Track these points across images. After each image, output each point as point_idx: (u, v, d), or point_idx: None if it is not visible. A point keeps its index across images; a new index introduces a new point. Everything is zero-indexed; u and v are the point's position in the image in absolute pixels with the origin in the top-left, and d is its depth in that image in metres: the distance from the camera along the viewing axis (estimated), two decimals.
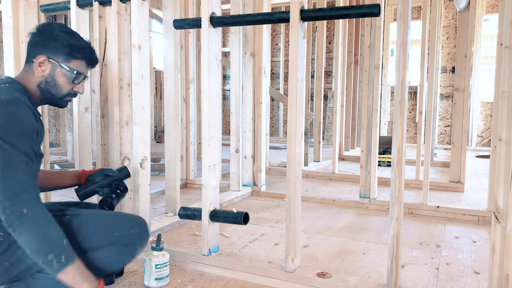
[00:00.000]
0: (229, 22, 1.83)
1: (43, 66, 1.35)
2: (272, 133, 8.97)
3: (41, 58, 1.34)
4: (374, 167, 2.95)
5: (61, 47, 1.36)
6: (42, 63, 1.35)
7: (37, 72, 1.35)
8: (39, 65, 1.34)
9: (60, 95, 1.40)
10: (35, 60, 1.34)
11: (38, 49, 1.35)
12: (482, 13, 7.02)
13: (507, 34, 1.36)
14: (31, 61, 1.35)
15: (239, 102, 3.18)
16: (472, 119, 7.16)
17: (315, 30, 5.25)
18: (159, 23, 6.22)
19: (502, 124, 1.35)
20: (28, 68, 1.36)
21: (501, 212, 1.35)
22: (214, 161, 1.86)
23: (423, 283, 1.71)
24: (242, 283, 1.70)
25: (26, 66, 1.37)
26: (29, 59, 1.36)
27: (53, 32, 1.36)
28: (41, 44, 1.35)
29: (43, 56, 1.34)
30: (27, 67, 1.37)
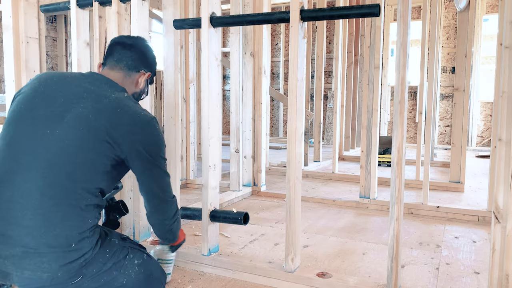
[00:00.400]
0: (229, 22, 1.83)
1: (143, 81, 1.46)
2: (272, 133, 8.97)
3: (148, 75, 1.46)
4: (374, 167, 2.95)
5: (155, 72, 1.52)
6: (146, 78, 1.46)
7: (137, 84, 1.44)
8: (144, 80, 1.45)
9: None
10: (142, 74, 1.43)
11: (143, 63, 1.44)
12: (482, 13, 7.02)
13: (507, 34, 1.36)
14: (135, 71, 1.42)
15: (239, 102, 3.18)
16: (472, 119, 7.16)
17: (315, 30, 5.25)
18: (159, 23, 6.23)
19: (502, 124, 1.35)
20: (128, 75, 1.41)
21: (501, 212, 1.35)
22: (214, 161, 1.86)
23: (423, 283, 1.71)
24: (242, 283, 1.70)
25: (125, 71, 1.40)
26: (132, 68, 1.41)
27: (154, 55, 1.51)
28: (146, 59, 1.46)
29: (149, 74, 1.47)
30: (127, 73, 1.40)
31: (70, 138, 1.16)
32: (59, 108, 1.19)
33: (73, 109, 1.19)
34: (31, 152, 1.14)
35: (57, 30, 6.30)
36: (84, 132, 1.17)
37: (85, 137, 1.16)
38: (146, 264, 1.35)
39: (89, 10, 2.25)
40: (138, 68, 1.43)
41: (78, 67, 2.19)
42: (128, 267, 1.29)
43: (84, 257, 1.17)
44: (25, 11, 2.24)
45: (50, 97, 1.21)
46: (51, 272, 1.13)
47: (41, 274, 1.12)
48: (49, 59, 6.17)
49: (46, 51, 6.08)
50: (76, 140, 1.16)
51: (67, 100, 1.20)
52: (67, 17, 6.26)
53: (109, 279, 1.24)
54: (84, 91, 1.23)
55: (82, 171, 1.16)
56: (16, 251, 1.11)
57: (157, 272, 1.39)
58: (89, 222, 1.18)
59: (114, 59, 1.40)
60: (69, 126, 1.16)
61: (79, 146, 1.16)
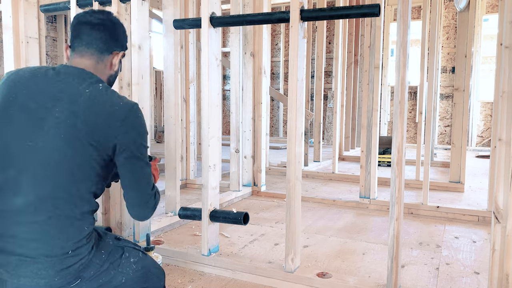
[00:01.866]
0: (229, 22, 1.83)
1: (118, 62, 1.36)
2: (272, 133, 8.97)
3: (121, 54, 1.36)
4: (374, 167, 2.95)
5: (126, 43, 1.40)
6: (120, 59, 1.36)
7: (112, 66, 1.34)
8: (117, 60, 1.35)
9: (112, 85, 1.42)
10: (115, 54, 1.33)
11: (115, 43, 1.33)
12: (482, 13, 7.02)
13: (507, 34, 1.36)
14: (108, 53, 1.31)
15: (239, 102, 3.18)
16: (472, 119, 7.15)
17: (315, 30, 5.25)
18: (159, 23, 6.22)
19: (502, 124, 1.35)
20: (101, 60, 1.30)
21: (501, 212, 1.35)
22: (214, 161, 1.86)
23: (423, 283, 1.71)
24: (242, 283, 1.70)
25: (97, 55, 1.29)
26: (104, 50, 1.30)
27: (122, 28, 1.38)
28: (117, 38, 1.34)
29: (123, 53, 1.37)
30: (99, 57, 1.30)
31: (53, 148, 1.11)
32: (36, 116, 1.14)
33: (49, 115, 1.13)
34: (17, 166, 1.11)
35: (57, 30, 6.30)
36: (66, 139, 1.12)
37: (67, 144, 1.12)
38: (143, 261, 1.36)
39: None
40: (111, 50, 1.32)
41: None
42: (125, 265, 1.29)
43: (81, 261, 1.16)
44: (25, 11, 2.24)
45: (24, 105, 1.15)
46: (48, 278, 1.12)
47: (38, 280, 1.11)
48: (49, 59, 6.17)
49: (46, 51, 6.08)
50: (60, 149, 1.12)
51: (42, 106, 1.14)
52: (67, 17, 6.25)
53: (108, 279, 1.24)
54: (58, 92, 1.16)
55: (71, 180, 1.13)
56: (11, 259, 1.10)
57: (155, 269, 1.39)
58: (85, 230, 1.17)
59: (83, 43, 1.29)
60: (50, 135, 1.12)
61: (64, 155, 1.12)
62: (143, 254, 1.38)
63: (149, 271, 1.37)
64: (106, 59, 1.31)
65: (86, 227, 1.18)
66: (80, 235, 1.16)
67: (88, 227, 1.19)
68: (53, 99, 1.15)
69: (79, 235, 1.15)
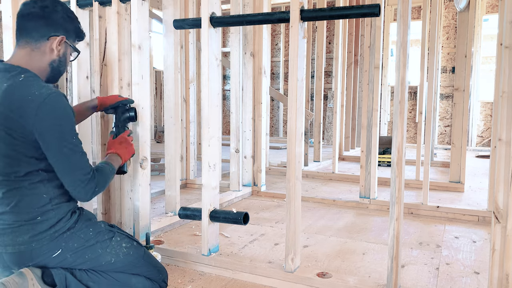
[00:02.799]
0: (229, 22, 1.83)
1: (60, 46, 1.37)
2: (272, 133, 8.97)
3: (60, 38, 1.36)
4: (374, 167, 2.95)
5: (73, 29, 1.42)
6: (61, 43, 1.37)
7: (52, 51, 1.36)
8: (58, 45, 1.36)
9: (64, 71, 1.45)
10: (53, 40, 1.35)
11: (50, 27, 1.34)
12: (482, 13, 7.01)
13: (507, 34, 1.36)
14: (44, 39, 1.33)
15: (239, 102, 3.18)
16: (472, 119, 7.15)
17: (315, 30, 5.25)
18: (159, 23, 6.22)
19: (502, 124, 1.35)
20: (36, 47, 1.33)
21: (501, 212, 1.35)
22: (214, 161, 1.86)
23: (423, 283, 1.71)
24: (242, 283, 1.70)
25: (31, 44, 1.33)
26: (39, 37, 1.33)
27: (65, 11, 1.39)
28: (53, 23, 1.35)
29: (63, 37, 1.37)
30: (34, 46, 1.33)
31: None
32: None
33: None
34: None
35: None
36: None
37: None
38: (136, 249, 1.44)
39: (89, 10, 2.25)
40: (47, 35, 1.34)
41: (78, 67, 2.19)
42: (115, 247, 1.39)
43: (54, 228, 1.30)
44: None
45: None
46: (26, 244, 1.27)
47: (19, 247, 1.27)
48: None
49: None
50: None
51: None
52: None
53: (95, 256, 1.36)
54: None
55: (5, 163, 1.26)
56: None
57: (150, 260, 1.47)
58: (44, 197, 1.30)
59: (20, 34, 1.34)
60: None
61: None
62: (138, 244, 1.47)
63: (142, 259, 1.45)
64: (43, 45, 1.34)
65: (45, 194, 1.31)
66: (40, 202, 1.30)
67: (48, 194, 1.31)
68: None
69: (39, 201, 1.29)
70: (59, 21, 1.36)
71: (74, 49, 1.45)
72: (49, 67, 1.37)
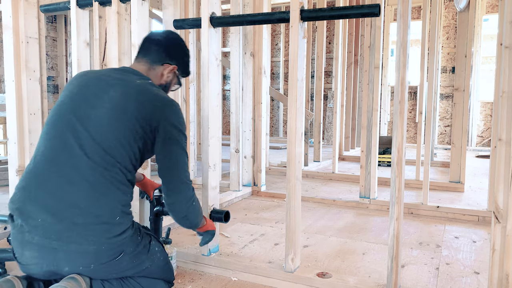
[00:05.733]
0: (229, 22, 1.83)
1: (170, 74, 1.52)
2: (272, 133, 8.96)
3: (173, 67, 1.52)
4: (374, 167, 2.95)
5: (184, 64, 1.58)
6: (171, 71, 1.52)
7: (162, 76, 1.51)
8: (168, 72, 1.51)
9: None
10: (166, 66, 1.50)
11: (167, 56, 1.51)
12: (482, 13, 7.01)
13: (507, 34, 1.36)
14: (160, 64, 1.50)
15: (239, 102, 3.18)
16: (472, 119, 7.15)
17: (315, 30, 5.25)
18: (159, 23, 6.22)
19: (502, 124, 1.35)
20: (153, 67, 1.49)
21: (501, 212, 1.35)
22: (214, 161, 1.86)
23: (423, 283, 1.71)
24: (242, 283, 1.70)
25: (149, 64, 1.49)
26: (157, 61, 1.49)
27: (183, 48, 1.57)
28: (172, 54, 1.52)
29: (175, 67, 1.53)
30: (151, 66, 1.49)
31: (104, 118, 1.28)
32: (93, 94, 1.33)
33: (105, 94, 1.32)
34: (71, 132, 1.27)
35: (57, 30, 6.30)
36: (116, 112, 1.29)
37: (117, 116, 1.29)
38: (164, 253, 1.47)
39: (89, 10, 2.25)
40: (162, 61, 1.50)
41: (78, 67, 2.19)
42: (152, 252, 1.39)
43: (125, 234, 1.27)
44: (25, 11, 2.24)
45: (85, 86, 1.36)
46: (97, 245, 1.21)
47: (87, 247, 1.20)
48: (49, 59, 6.17)
49: (46, 51, 6.08)
50: (110, 120, 1.28)
51: (99, 88, 1.34)
52: (67, 17, 6.25)
53: (139, 262, 1.35)
54: (113, 79, 1.36)
55: (117, 147, 1.27)
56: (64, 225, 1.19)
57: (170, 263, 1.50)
58: (127, 197, 1.31)
59: (141, 54, 1.51)
60: (103, 108, 1.29)
61: (113, 125, 1.28)
62: (163, 246, 1.49)
63: (168, 263, 1.48)
64: (158, 68, 1.50)
65: (129, 194, 1.32)
66: (125, 199, 1.30)
67: (129, 197, 1.32)
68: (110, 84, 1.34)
69: (124, 199, 1.29)
70: (173, 53, 1.53)
71: (178, 81, 1.59)
72: None
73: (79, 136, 1.26)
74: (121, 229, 1.26)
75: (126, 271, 1.32)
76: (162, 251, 1.45)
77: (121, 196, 1.27)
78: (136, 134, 1.30)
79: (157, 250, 1.42)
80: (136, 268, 1.34)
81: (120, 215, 1.26)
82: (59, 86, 6.13)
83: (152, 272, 1.40)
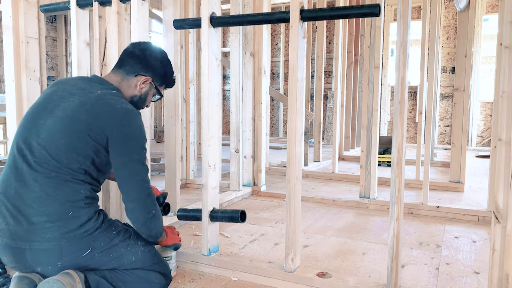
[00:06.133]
0: (229, 22, 1.83)
1: (143, 85, 1.55)
2: (272, 133, 8.96)
3: (146, 78, 1.54)
4: (374, 167, 2.94)
5: (162, 74, 1.60)
6: (145, 82, 1.55)
7: (136, 87, 1.54)
8: (142, 83, 1.54)
9: (141, 108, 1.61)
10: (139, 78, 1.53)
11: (142, 67, 1.54)
12: (482, 13, 7.01)
13: (507, 34, 1.36)
14: (133, 75, 1.53)
15: (239, 102, 3.18)
16: (472, 119, 7.15)
17: (315, 30, 5.25)
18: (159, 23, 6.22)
19: (502, 124, 1.35)
20: (126, 79, 1.53)
21: (501, 212, 1.35)
22: (214, 161, 1.86)
23: (423, 283, 1.71)
24: (242, 283, 1.70)
25: (123, 75, 1.53)
26: (130, 72, 1.53)
27: (157, 58, 1.58)
28: (146, 64, 1.55)
29: (149, 78, 1.55)
30: (124, 77, 1.53)
31: (56, 126, 1.35)
32: (53, 103, 1.40)
33: (63, 103, 1.39)
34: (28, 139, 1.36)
35: (57, 30, 6.30)
36: (68, 121, 1.36)
37: (68, 125, 1.35)
38: (149, 245, 1.51)
39: (89, 10, 2.25)
40: (136, 73, 1.53)
41: (78, 67, 2.19)
42: (133, 245, 1.44)
43: (84, 227, 1.33)
44: (25, 11, 2.24)
45: (49, 96, 1.44)
46: (55, 241, 1.28)
47: (47, 244, 1.28)
48: (49, 59, 6.17)
49: (46, 51, 6.08)
50: (61, 128, 1.35)
51: (60, 97, 1.41)
52: (67, 17, 6.25)
53: (118, 255, 1.40)
54: (76, 89, 1.43)
55: (64, 153, 1.33)
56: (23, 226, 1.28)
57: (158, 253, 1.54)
58: (81, 193, 1.35)
59: (117, 64, 1.56)
60: (57, 116, 1.37)
61: (63, 132, 1.34)
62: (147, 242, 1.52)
63: (156, 255, 1.52)
64: (131, 80, 1.53)
65: (82, 190, 1.36)
66: (76, 196, 1.34)
67: (84, 191, 1.39)
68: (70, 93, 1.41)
69: (74, 195, 1.33)
70: (149, 64, 1.55)
71: (158, 92, 1.61)
72: (129, 99, 1.54)
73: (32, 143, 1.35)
74: (77, 223, 1.32)
75: (105, 265, 1.38)
76: (146, 244, 1.49)
77: (71, 192, 1.33)
78: (86, 143, 1.35)
79: (140, 244, 1.47)
80: (117, 261, 1.40)
81: (72, 210, 1.32)
82: None
83: (139, 264, 1.45)
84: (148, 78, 1.55)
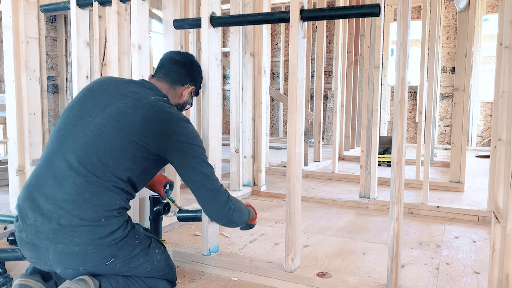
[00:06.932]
0: (229, 22, 1.83)
1: (188, 94, 1.60)
2: (272, 133, 8.96)
3: (192, 88, 1.61)
4: (374, 167, 2.94)
5: (200, 86, 1.68)
6: (190, 92, 1.60)
7: (182, 96, 1.58)
8: (188, 93, 1.59)
9: None
10: (186, 87, 1.59)
11: (188, 78, 1.60)
12: (482, 13, 7.01)
13: (507, 34, 1.36)
14: (180, 84, 1.57)
15: (239, 102, 3.17)
16: (472, 119, 7.15)
17: (315, 30, 5.24)
18: (159, 23, 6.22)
19: (502, 124, 1.35)
20: (173, 87, 1.56)
21: (501, 212, 1.35)
22: (214, 161, 1.86)
23: (423, 283, 1.71)
24: (242, 283, 1.70)
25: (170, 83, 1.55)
26: (177, 81, 1.57)
27: (200, 71, 1.68)
28: (192, 75, 1.61)
29: (193, 88, 1.62)
30: (171, 86, 1.55)
31: (107, 126, 1.31)
32: (104, 102, 1.36)
33: (115, 103, 1.35)
34: (72, 136, 1.31)
35: (57, 30, 6.30)
36: (121, 123, 1.31)
37: (120, 127, 1.31)
38: (165, 254, 1.49)
39: (89, 10, 2.25)
40: (183, 82, 1.58)
41: (78, 67, 2.19)
42: (151, 255, 1.41)
43: (113, 235, 1.28)
44: (25, 11, 2.24)
45: (98, 93, 1.40)
46: (82, 246, 1.23)
47: (73, 247, 1.23)
48: (49, 59, 6.17)
49: (46, 51, 6.08)
50: (112, 129, 1.30)
51: (111, 97, 1.37)
52: (67, 17, 6.25)
53: (137, 265, 1.36)
54: (128, 91, 1.40)
55: (112, 156, 1.29)
56: (52, 225, 1.23)
57: (172, 262, 1.52)
58: (116, 203, 1.30)
59: (162, 72, 1.57)
60: (108, 116, 1.32)
61: (114, 134, 1.30)
62: (164, 248, 1.51)
63: (169, 264, 1.50)
64: (178, 88, 1.56)
65: (118, 201, 1.31)
66: (111, 205, 1.29)
67: (120, 202, 1.31)
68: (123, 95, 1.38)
69: (110, 204, 1.28)
70: (194, 75, 1.62)
71: (191, 101, 1.66)
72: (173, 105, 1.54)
73: (77, 141, 1.30)
74: (107, 230, 1.27)
75: (124, 273, 1.35)
76: (162, 253, 1.47)
77: (108, 201, 1.28)
78: (137, 148, 1.32)
79: (157, 253, 1.44)
80: (134, 270, 1.36)
81: (105, 218, 1.27)
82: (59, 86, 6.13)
83: (153, 273, 1.42)
84: (193, 88, 1.61)
